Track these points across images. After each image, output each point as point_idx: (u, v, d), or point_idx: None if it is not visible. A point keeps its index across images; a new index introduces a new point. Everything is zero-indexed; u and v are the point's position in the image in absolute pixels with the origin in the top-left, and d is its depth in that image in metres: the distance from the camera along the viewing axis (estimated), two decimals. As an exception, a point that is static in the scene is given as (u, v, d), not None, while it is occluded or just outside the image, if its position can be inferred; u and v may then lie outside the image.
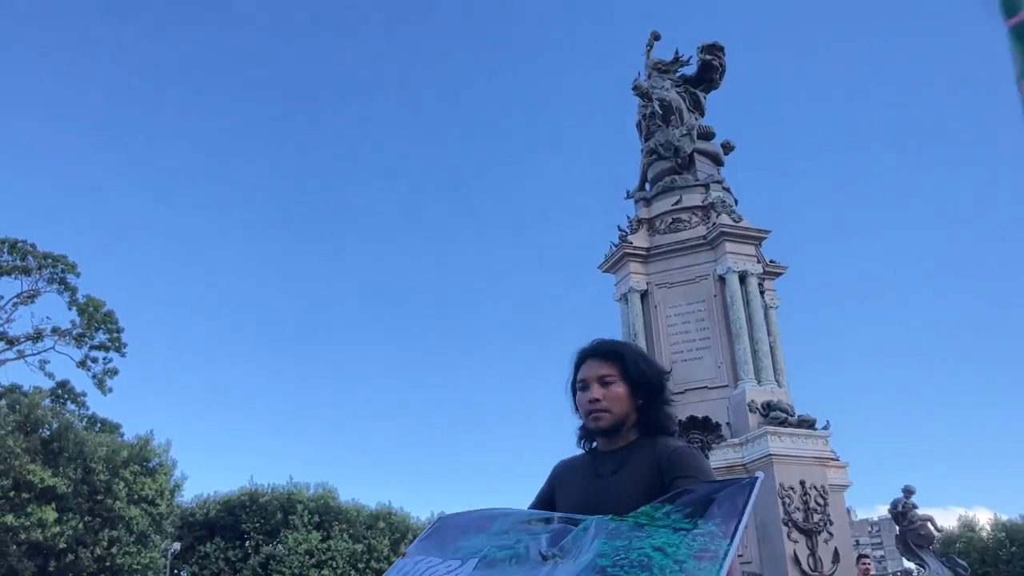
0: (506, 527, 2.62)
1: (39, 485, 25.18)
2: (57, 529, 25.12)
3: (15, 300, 32.19)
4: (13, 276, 32.03)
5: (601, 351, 2.82)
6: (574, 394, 2.84)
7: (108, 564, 27.04)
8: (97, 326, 32.79)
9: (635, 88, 19.60)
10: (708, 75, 19.84)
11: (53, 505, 25.33)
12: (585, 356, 2.84)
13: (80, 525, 26.12)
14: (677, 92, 19.39)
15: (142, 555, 28.51)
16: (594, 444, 2.89)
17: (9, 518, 24.02)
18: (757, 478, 2.36)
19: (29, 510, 24.60)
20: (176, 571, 37.64)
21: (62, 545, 25.43)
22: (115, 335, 33.32)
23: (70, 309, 32.76)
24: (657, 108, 19.17)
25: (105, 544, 26.83)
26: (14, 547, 24.33)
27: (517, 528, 2.60)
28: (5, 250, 31.64)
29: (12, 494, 24.68)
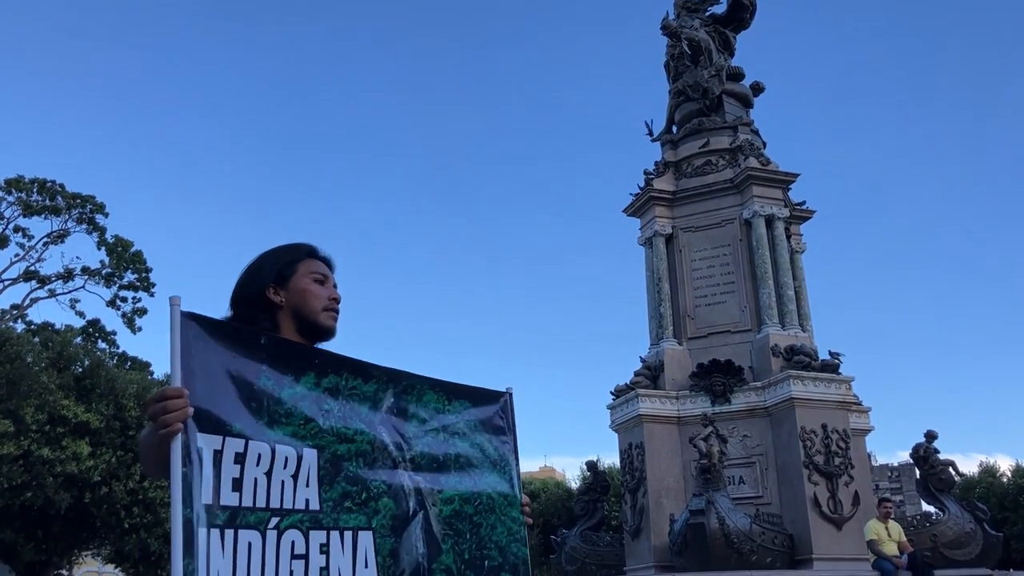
0: (316, 381, 2.12)
1: (73, 420, 25.79)
2: (91, 463, 25.76)
3: (45, 239, 32.57)
4: (43, 216, 32.32)
5: (332, 263, 2.58)
6: (287, 271, 2.45)
7: (140, 497, 27.77)
8: (126, 266, 33.16)
9: (664, 28, 19.22)
10: (738, 14, 19.43)
11: (87, 439, 25.95)
12: (319, 256, 2.55)
13: (113, 459, 26.77)
14: (706, 32, 19.00)
15: (173, 489, 29.25)
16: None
17: (45, 451, 24.66)
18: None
19: (64, 444, 25.24)
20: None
21: (96, 478, 26.11)
22: (144, 275, 33.70)
23: (99, 249, 33.11)
24: (686, 48, 18.82)
25: (137, 478, 27.53)
26: (50, 479, 25.03)
27: (335, 386, 2.15)
28: (35, 190, 31.91)
29: (47, 428, 25.32)
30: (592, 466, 19.36)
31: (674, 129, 19.30)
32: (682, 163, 18.32)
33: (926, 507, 16.78)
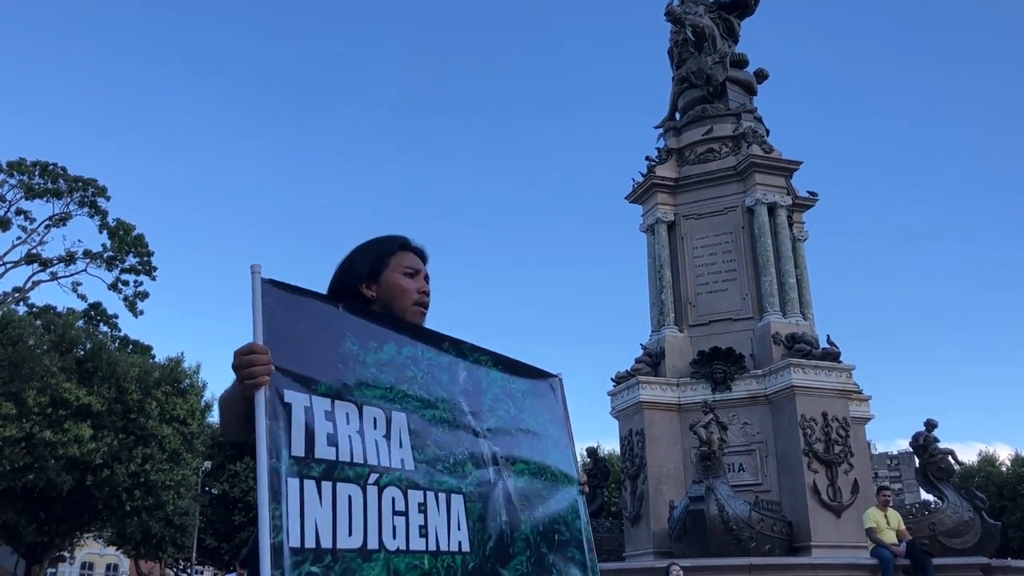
0: (397, 349, 2.16)
1: (75, 403, 25.87)
2: (93, 445, 25.86)
3: (47, 222, 32.54)
4: (45, 199, 32.28)
5: (425, 254, 2.63)
6: (379, 266, 2.50)
7: (142, 480, 27.90)
8: (128, 249, 33.13)
9: (668, 14, 19.12)
10: (743, 1, 19.32)
11: (88, 422, 26.03)
12: (411, 248, 2.59)
13: (115, 442, 26.88)
14: (711, 18, 18.91)
15: (174, 472, 29.38)
16: None
17: (47, 434, 24.74)
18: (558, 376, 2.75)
19: (66, 426, 25.32)
20: (207, 488, 38.83)
21: (98, 461, 26.23)
22: (145, 259, 33.69)
23: (101, 232, 33.09)
24: (690, 34, 18.72)
25: (139, 461, 27.64)
26: (52, 461, 25.14)
27: (415, 355, 2.20)
28: (37, 173, 31.85)
29: (49, 411, 25.39)
30: (592, 452, 19.43)
31: (677, 116, 19.23)
32: (685, 150, 18.27)
33: (925, 495, 16.86)
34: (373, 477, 1.94)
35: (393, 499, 1.96)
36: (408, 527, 1.97)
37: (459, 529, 2.09)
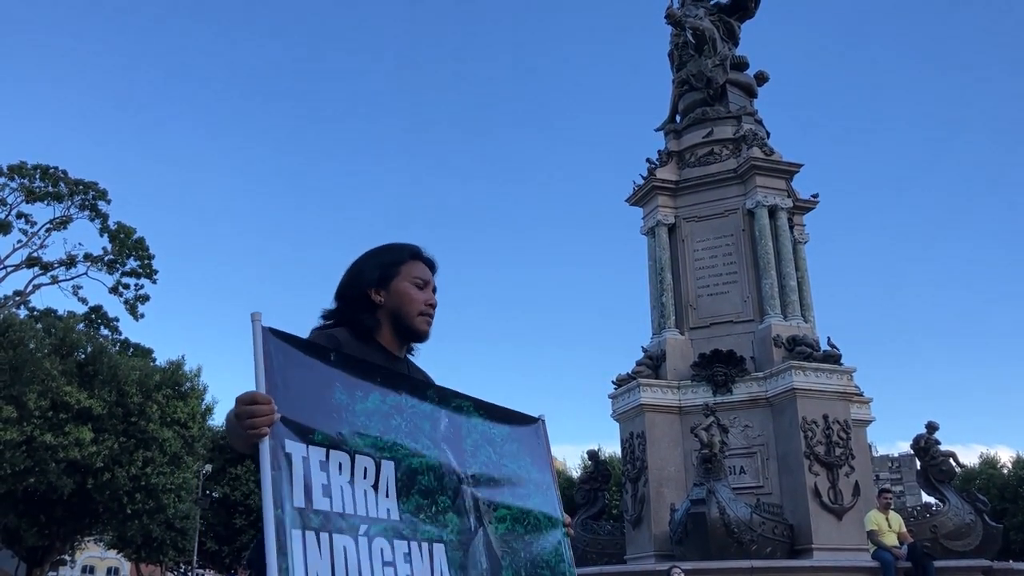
0: (382, 399, 2.17)
1: (75, 406, 25.85)
2: (94, 449, 25.84)
3: (48, 226, 32.58)
4: (46, 202, 32.31)
5: (435, 265, 2.67)
6: (389, 273, 2.54)
7: (143, 483, 27.87)
8: (128, 252, 33.16)
9: (668, 16, 19.14)
10: (744, 3, 19.35)
11: (89, 425, 26.02)
12: (422, 258, 2.63)
13: (115, 445, 26.85)
14: (711, 20, 18.91)
15: (175, 475, 29.36)
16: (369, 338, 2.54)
17: (48, 437, 24.73)
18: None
19: (67, 430, 25.31)
20: (208, 491, 38.82)
21: (99, 464, 26.20)
22: (146, 262, 33.72)
23: (102, 236, 33.14)
24: (690, 37, 18.73)
25: (140, 464, 27.61)
26: (53, 464, 25.12)
27: (398, 404, 2.21)
28: (38, 176, 31.88)
29: (50, 414, 25.38)
30: (593, 455, 19.41)
31: (677, 118, 19.23)
32: (685, 152, 18.27)
33: (926, 498, 16.82)
34: (363, 528, 1.98)
35: (382, 549, 2.00)
36: None
37: None
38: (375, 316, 2.52)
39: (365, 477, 2.03)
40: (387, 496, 2.07)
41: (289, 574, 1.77)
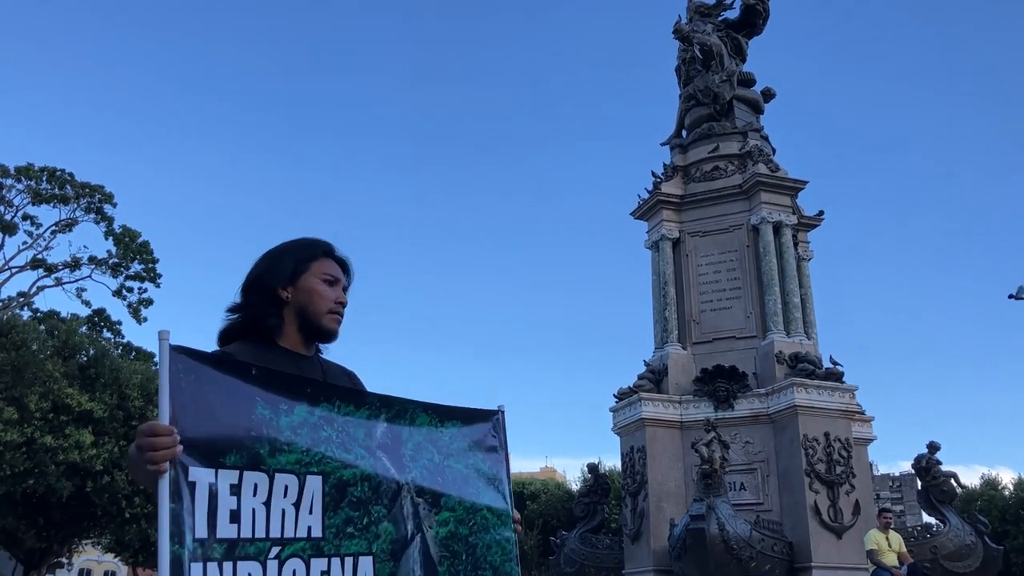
0: (310, 410, 2.11)
1: (76, 408, 25.83)
2: (94, 451, 25.81)
3: (53, 228, 32.64)
4: (52, 204, 32.38)
5: (348, 265, 2.58)
6: (299, 269, 2.46)
7: (142, 487, 27.82)
8: (133, 256, 33.20)
9: (676, 31, 19.18)
10: (751, 20, 19.40)
11: (90, 428, 26.00)
12: (334, 256, 2.55)
13: (116, 449, 26.81)
14: (719, 36, 18.97)
15: (175, 480, 29.28)
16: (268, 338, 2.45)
17: (48, 439, 24.71)
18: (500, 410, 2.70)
19: (67, 432, 25.29)
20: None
21: (99, 467, 26.16)
22: (150, 266, 33.75)
23: (106, 239, 33.17)
24: (697, 53, 18.78)
25: (139, 468, 27.58)
26: (53, 467, 25.09)
27: (327, 416, 2.14)
28: (44, 178, 31.97)
29: (51, 416, 25.36)
30: (593, 468, 19.36)
31: (684, 133, 19.27)
32: (691, 167, 18.29)
33: (927, 518, 16.76)
34: (274, 551, 1.93)
35: (294, 571, 1.96)
36: None
37: None
38: (279, 314, 2.43)
39: (285, 496, 1.98)
40: (310, 513, 2.02)
41: None
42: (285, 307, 2.43)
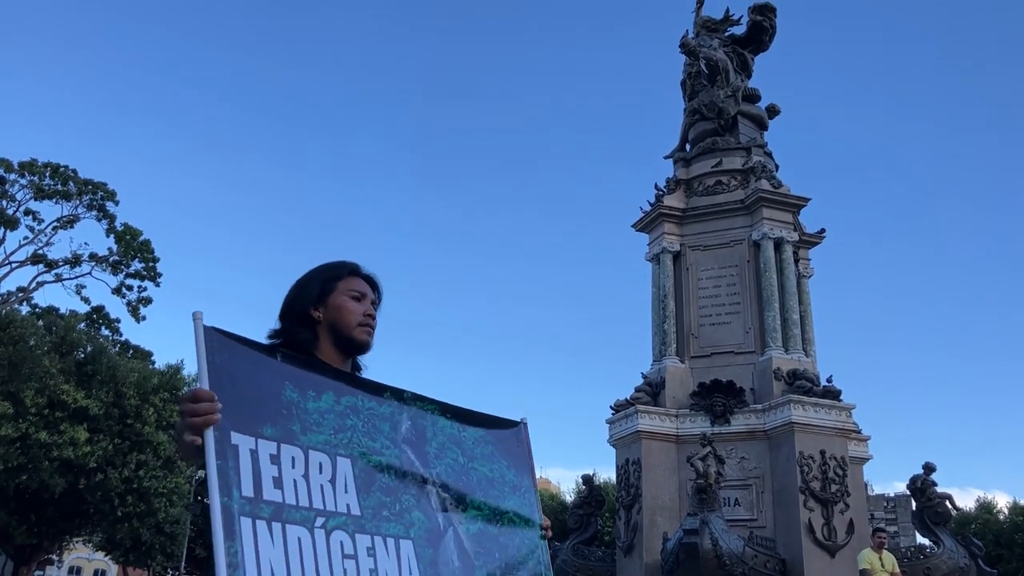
0: (336, 399, 2.15)
1: (72, 405, 25.80)
2: (88, 449, 25.76)
3: (55, 224, 32.67)
4: (54, 200, 32.43)
5: (378, 285, 2.70)
6: (327, 288, 2.56)
7: (135, 486, 27.75)
8: (134, 254, 33.23)
9: (682, 46, 19.23)
10: (757, 36, 19.43)
11: (85, 425, 25.96)
12: (360, 275, 2.66)
13: (110, 446, 26.78)
14: (725, 52, 19.01)
15: (168, 480, 29.25)
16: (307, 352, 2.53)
17: (43, 435, 24.67)
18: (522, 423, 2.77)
19: (62, 428, 25.25)
20: (200, 497, 38.61)
21: (92, 464, 26.11)
22: (150, 264, 33.77)
23: (108, 236, 33.21)
24: (703, 67, 18.83)
25: (133, 466, 27.52)
26: (46, 463, 25.04)
27: (354, 405, 2.18)
28: (47, 174, 32.01)
29: (46, 412, 25.33)
30: (588, 480, 19.29)
31: (687, 147, 19.30)
32: (693, 181, 18.31)
33: (921, 539, 16.69)
34: (320, 521, 1.94)
35: (341, 543, 1.96)
36: (359, 570, 1.97)
37: (411, 573, 2.09)
38: (315, 332, 2.52)
39: (320, 472, 1.99)
40: (346, 491, 2.03)
41: (238, 558, 1.74)
42: (319, 326, 2.53)
